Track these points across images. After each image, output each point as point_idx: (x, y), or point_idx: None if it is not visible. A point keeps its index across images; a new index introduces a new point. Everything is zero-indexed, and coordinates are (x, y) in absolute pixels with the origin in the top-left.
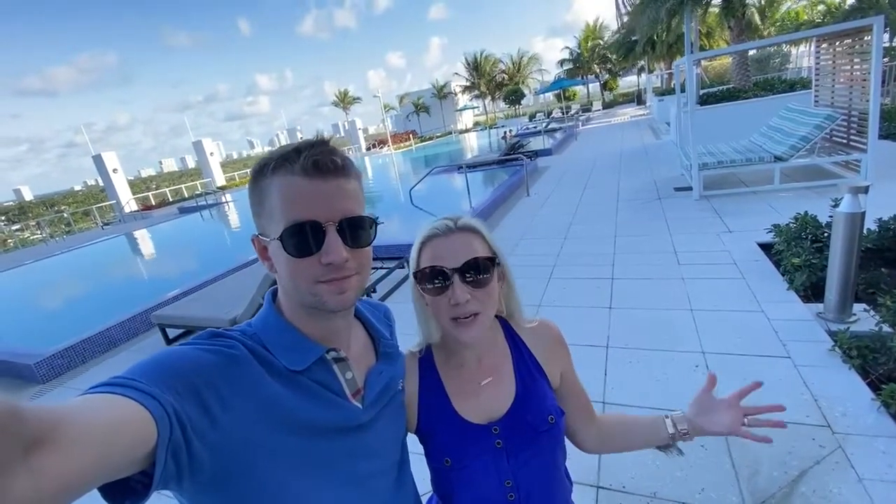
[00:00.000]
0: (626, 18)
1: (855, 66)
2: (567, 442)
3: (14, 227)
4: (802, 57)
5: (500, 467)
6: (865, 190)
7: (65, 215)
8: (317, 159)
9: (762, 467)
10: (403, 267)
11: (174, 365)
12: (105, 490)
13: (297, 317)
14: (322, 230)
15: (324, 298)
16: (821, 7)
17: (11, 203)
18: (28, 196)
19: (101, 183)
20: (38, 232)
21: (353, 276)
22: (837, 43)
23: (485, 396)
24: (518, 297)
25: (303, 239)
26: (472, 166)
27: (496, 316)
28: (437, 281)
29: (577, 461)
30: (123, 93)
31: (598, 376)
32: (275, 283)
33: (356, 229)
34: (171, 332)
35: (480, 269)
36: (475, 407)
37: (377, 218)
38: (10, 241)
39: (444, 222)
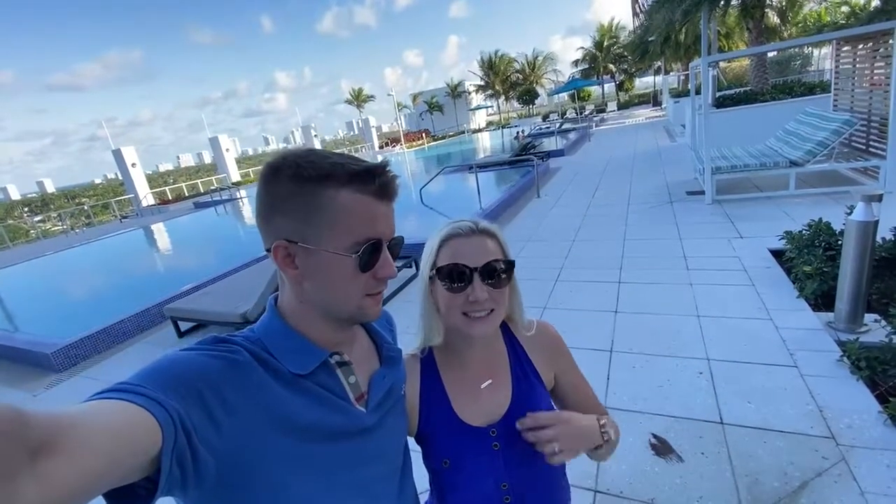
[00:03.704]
0: (642, 18)
1: (876, 70)
2: None
3: (36, 219)
4: (825, 59)
5: (497, 469)
6: (879, 198)
7: (85, 208)
8: (388, 184)
9: (763, 477)
10: (410, 266)
11: (179, 371)
12: (110, 496)
13: (305, 323)
14: (382, 247)
15: (367, 310)
16: (844, 9)
17: (35, 195)
18: (50, 188)
19: (120, 177)
20: (60, 224)
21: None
22: (861, 46)
23: (484, 399)
24: (521, 301)
25: (373, 255)
26: (483, 166)
27: None
28: (457, 278)
29: (575, 464)
30: (146, 89)
31: (601, 380)
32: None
33: (397, 247)
34: (183, 326)
35: (499, 271)
36: (474, 409)
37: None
38: (32, 232)
39: (467, 224)
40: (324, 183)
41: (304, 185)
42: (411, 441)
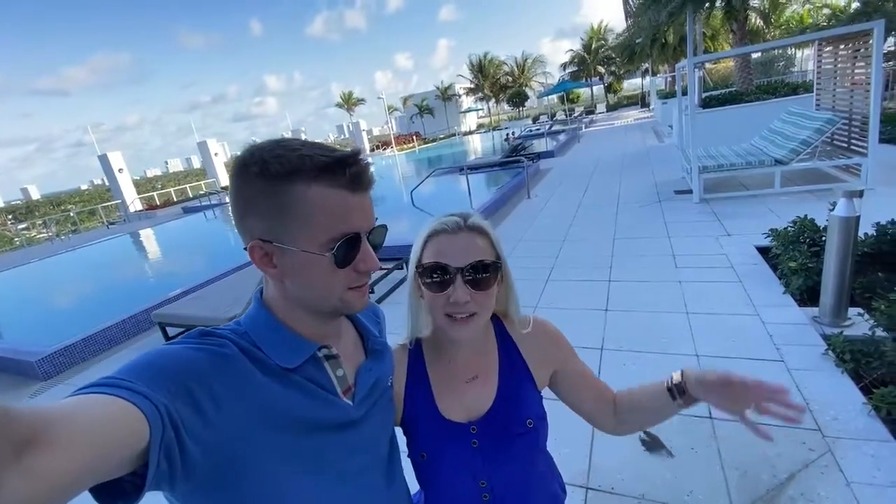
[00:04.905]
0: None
1: (857, 70)
2: (552, 449)
3: (21, 226)
4: (807, 60)
5: (475, 467)
6: (860, 194)
7: (71, 214)
8: (361, 174)
9: (751, 470)
10: (402, 268)
11: (165, 364)
12: (96, 491)
13: (292, 317)
14: (360, 241)
15: (352, 303)
16: (825, 10)
17: (19, 202)
18: (35, 195)
19: (106, 182)
20: (45, 231)
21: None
22: (842, 46)
23: (467, 395)
24: (516, 298)
25: (350, 250)
26: (474, 168)
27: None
28: (438, 277)
29: (567, 462)
30: (134, 93)
31: None
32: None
33: (378, 238)
34: (171, 331)
35: (483, 272)
36: (456, 404)
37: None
38: (16, 239)
39: (454, 219)
40: (292, 179)
41: (273, 182)
42: (400, 435)
